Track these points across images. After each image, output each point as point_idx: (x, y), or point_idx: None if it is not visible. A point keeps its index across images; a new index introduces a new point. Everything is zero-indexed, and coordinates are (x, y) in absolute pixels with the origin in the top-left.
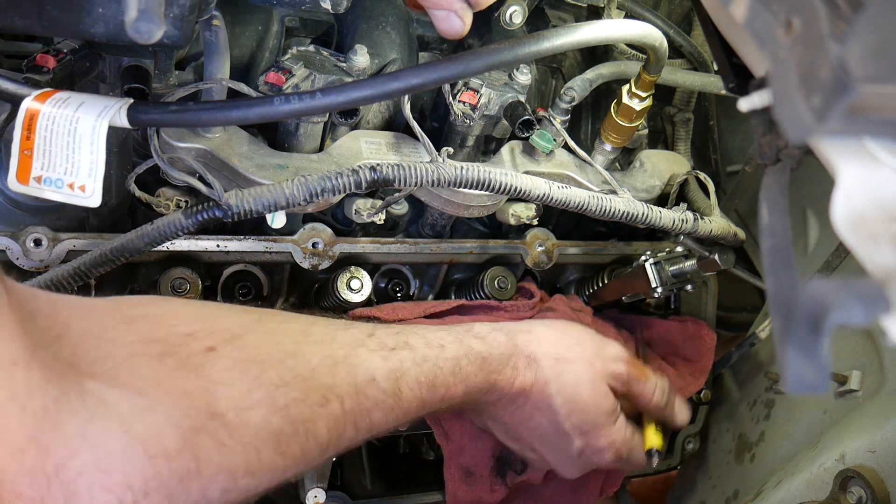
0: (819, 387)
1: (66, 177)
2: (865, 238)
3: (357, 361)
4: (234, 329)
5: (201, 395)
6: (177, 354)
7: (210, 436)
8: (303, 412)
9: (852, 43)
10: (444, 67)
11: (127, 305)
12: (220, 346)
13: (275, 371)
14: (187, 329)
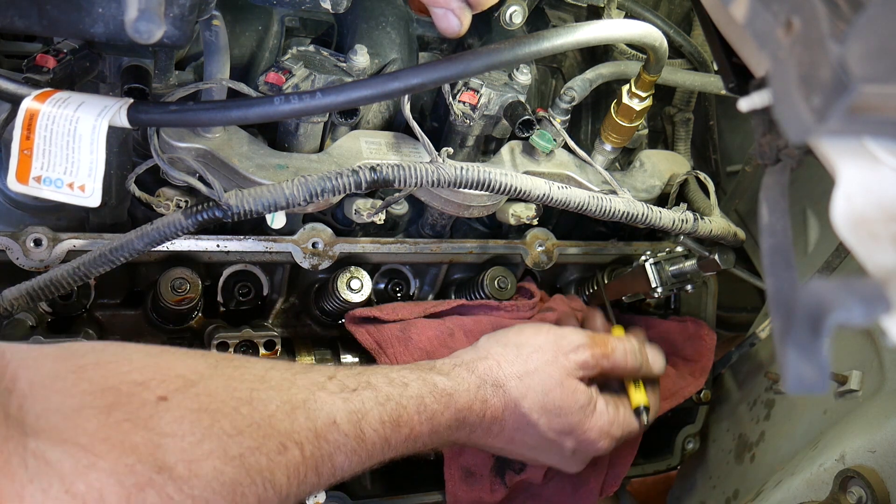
0: (819, 387)
1: (66, 176)
2: (865, 238)
3: (317, 405)
4: (188, 376)
5: (148, 449)
6: (126, 406)
7: (157, 490)
8: (259, 461)
9: (852, 43)
10: (444, 67)
11: (79, 353)
12: (172, 395)
13: (228, 420)
14: (140, 377)
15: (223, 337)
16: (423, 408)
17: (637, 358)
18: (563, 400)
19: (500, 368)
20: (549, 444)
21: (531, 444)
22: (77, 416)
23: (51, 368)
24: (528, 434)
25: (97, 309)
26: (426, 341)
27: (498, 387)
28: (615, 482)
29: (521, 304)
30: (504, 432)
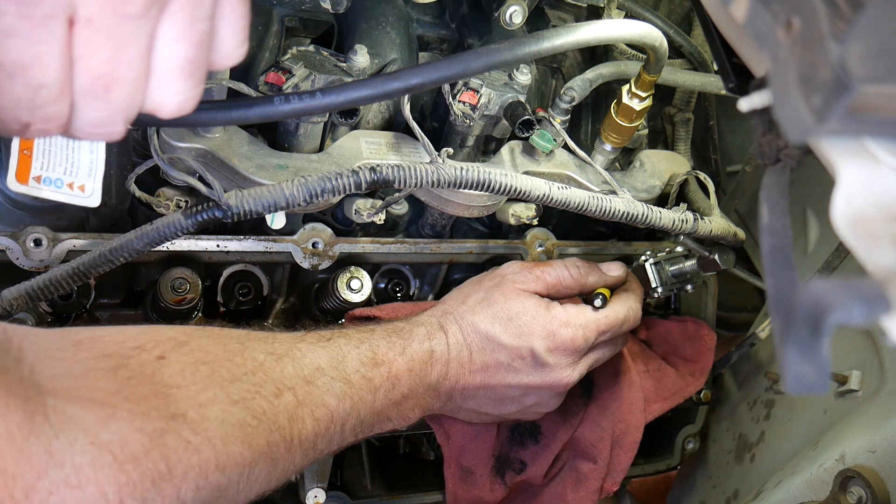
0: (819, 387)
1: (66, 176)
2: (865, 238)
3: (300, 354)
4: (179, 337)
5: (159, 399)
6: (129, 366)
7: (175, 435)
8: (260, 404)
9: (852, 43)
10: (444, 67)
11: (74, 331)
12: (169, 353)
13: (225, 369)
14: (134, 343)
15: None
16: (392, 343)
17: (580, 270)
18: (508, 304)
19: (446, 303)
20: (519, 354)
21: (505, 361)
22: (86, 376)
23: (52, 342)
24: (494, 350)
25: (97, 309)
26: None
27: (447, 314)
28: (615, 482)
29: None
30: (474, 356)
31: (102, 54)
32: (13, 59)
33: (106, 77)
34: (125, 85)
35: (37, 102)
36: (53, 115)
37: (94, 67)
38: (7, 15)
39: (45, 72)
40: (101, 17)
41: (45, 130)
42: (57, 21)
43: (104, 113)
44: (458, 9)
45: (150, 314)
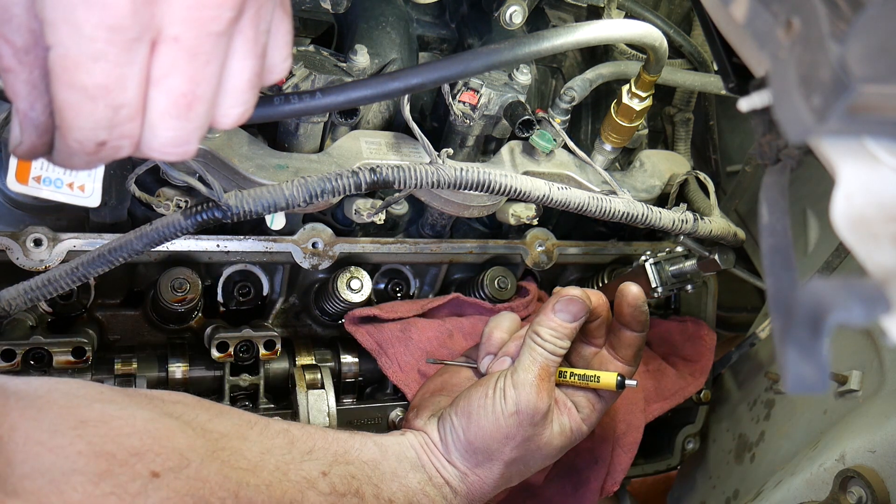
0: (819, 387)
1: (66, 176)
2: (865, 238)
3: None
4: (185, 453)
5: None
6: (117, 477)
7: None
8: None
9: (852, 43)
10: (444, 67)
11: (85, 403)
12: (165, 473)
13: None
14: (138, 444)
15: (223, 337)
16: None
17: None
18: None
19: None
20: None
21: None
22: (65, 482)
23: (52, 422)
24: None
25: (97, 309)
26: (426, 341)
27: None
28: (615, 482)
29: (515, 304)
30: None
31: (186, 73)
32: (97, 82)
33: (188, 95)
34: (204, 103)
35: (114, 122)
36: (128, 134)
37: (177, 87)
38: (97, 41)
39: (125, 92)
40: (187, 37)
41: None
42: (142, 44)
43: (182, 132)
44: (458, 9)
45: (150, 314)
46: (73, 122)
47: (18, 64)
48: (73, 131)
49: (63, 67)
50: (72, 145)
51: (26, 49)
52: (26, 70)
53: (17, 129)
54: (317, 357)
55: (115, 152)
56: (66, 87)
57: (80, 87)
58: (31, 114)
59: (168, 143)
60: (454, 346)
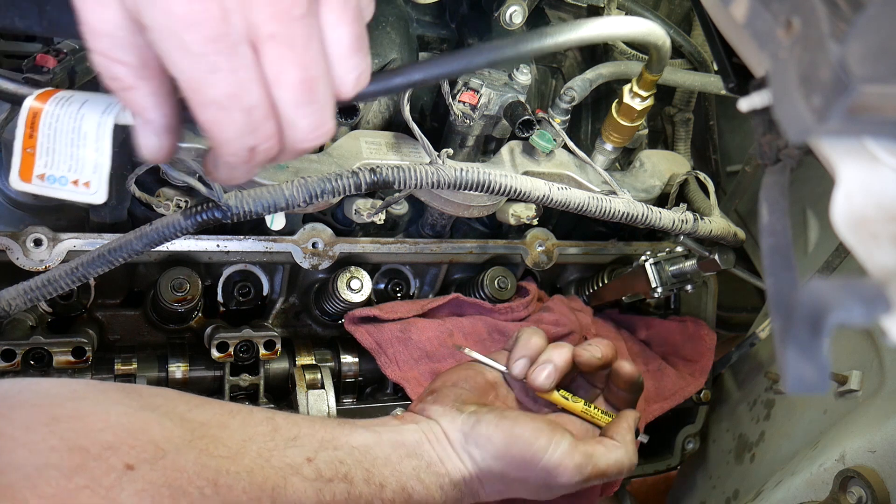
0: (819, 387)
1: (71, 174)
2: (865, 238)
3: (285, 493)
4: (160, 444)
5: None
6: (91, 471)
7: None
8: None
9: (852, 43)
10: (446, 63)
11: (57, 401)
12: (140, 465)
13: (188, 501)
14: (112, 438)
15: (223, 337)
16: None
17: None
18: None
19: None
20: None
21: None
22: (38, 476)
23: (25, 419)
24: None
25: (97, 309)
26: (426, 341)
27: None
28: (615, 482)
29: (515, 304)
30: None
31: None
32: (224, 92)
33: (306, 81)
34: (322, 81)
35: (253, 124)
36: (269, 133)
37: (293, 77)
38: (207, 55)
39: (251, 95)
40: (278, 29)
41: (268, 151)
42: (244, 45)
43: (316, 115)
44: (458, 9)
45: (150, 314)
46: (221, 136)
47: (139, 80)
48: (225, 146)
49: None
50: (229, 160)
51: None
52: (146, 84)
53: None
54: (317, 357)
55: (267, 154)
56: (202, 107)
57: (213, 102)
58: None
59: (308, 129)
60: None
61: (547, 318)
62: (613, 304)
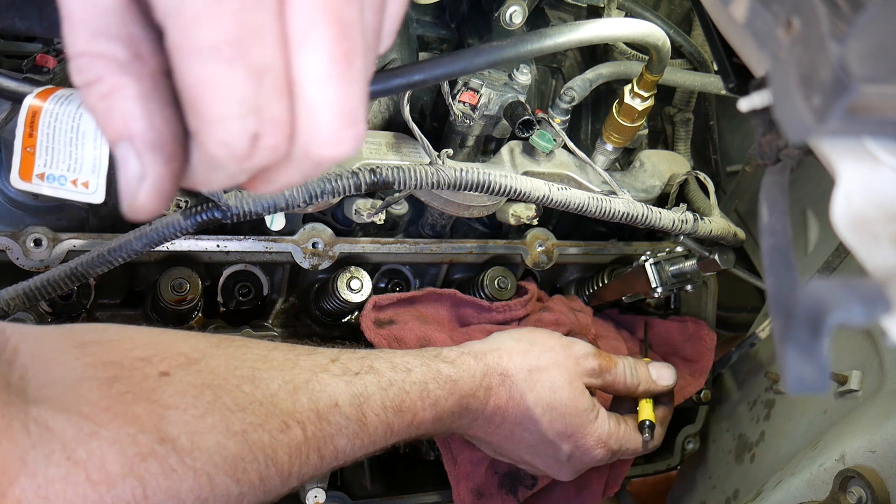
0: (819, 387)
1: (70, 173)
2: (865, 238)
3: (319, 387)
4: (191, 354)
5: (151, 420)
6: (129, 379)
7: (159, 461)
8: (261, 438)
9: (852, 43)
10: (445, 63)
11: (81, 331)
12: (174, 370)
13: (230, 396)
14: (142, 353)
15: None
16: (426, 394)
17: (634, 377)
18: (569, 400)
19: (511, 360)
20: (546, 445)
21: (529, 442)
22: (79, 386)
23: (53, 343)
24: (528, 430)
25: (97, 309)
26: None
27: (506, 377)
28: (616, 483)
29: (513, 303)
30: (505, 425)
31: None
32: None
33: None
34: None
35: (262, 98)
36: (280, 119)
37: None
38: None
39: (264, 48)
40: None
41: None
42: None
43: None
44: (458, 9)
45: (150, 314)
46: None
47: (126, 77)
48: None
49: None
50: (216, 151)
51: (131, 58)
52: (135, 82)
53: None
54: None
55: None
56: (192, 57)
57: (210, 49)
58: (151, 133)
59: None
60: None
61: (547, 317)
62: (613, 304)
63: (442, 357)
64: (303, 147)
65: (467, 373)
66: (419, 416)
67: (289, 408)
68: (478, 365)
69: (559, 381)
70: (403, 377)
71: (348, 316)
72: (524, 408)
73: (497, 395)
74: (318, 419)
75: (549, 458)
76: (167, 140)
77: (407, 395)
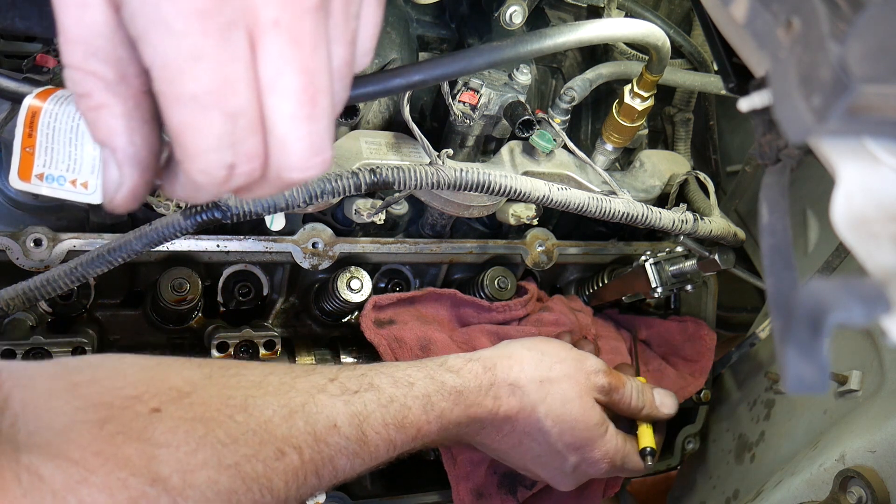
0: (819, 387)
1: (69, 174)
2: (865, 238)
3: (316, 409)
4: (182, 388)
5: (142, 461)
6: (119, 419)
7: (150, 503)
8: (255, 468)
9: (852, 43)
10: (446, 64)
11: (75, 369)
12: (166, 406)
13: (222, 429)
14: (133, 391)
15: (223, 337)
16: (430, 406)
17: (640, 400)
18: (580, 413)
19: (522, 370)
20: (553, 456)
21: (536, 452)
22: (69, 431)
23: (45, 387)
24: (536, 441)
25: (97, 309)
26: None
27: (516, 387)
28: (616, 483)
29: (513, 303)
30: (513, 434)
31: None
32: (205, 87)
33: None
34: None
35: (236, 136)
36: (254, 151)
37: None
38: (190, 34)
39: (238, 96)
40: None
41: (249, 174)
42: (238, 31)
43: (315, 137)
44: (458, 9)
45: (150, 314)
46: (193, 144)
47: (112, 97)
48: (197, 158)
49: (167, 81)
50: (198, 178)
51: (118, 80)
52: (120, 103)
53: (115, 171)
54: (317, 357)
55: (246, 179)
56: (176, 104)
57: (190, 98)
58: (130, 149)
59: (303, 154)
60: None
61: (547, 317)
62: (613, 304)
63: (447, 367)
64: (275, 171)
65: (473, 382)
66: (423, 429)
67: (284, 433)
68: (486, 375)
69: (570, 394)
70: (405, 392)
71: (348, 316)
72: (534, 419)
73: (507, 405)
74: (315, 442)
75: (554, 469)
76: (144, 154)
77: (409, 410)
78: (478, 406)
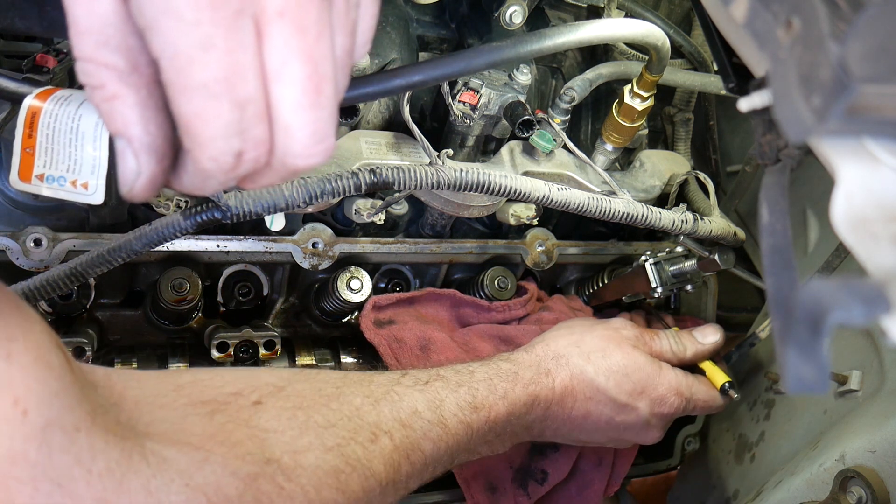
0: (819, 387)
1: (69, 174)
2: (865, 238)
3: (397, 397)
4: (277, 383)
5: (254, 443)
6: (226, 411)
7: (268, 480)
8: (355, 450)
9: (852, 43)
10: (446, 64)
11: (176, 374)
12: (266, 399)
13: (320, 415)
14: (233, 388)
15: (223, 337)
16: (493, 388)
17: (680, 343)
18: (625, 359)
19: (557, 343)
20: (624, 411)
21: (607, 414)
22: (183, 421)
23: (153, 388)
24: (601, 402)
25: (97, 309)
26: (444, 361)
27: (559, 357)
28: (616, 482)
29: (513, 303)
30: (578, 404)
31: (303, 53)
32: (215, 76)
33: (313, 77)
34: (330, 82)
35: (244, 124)
36: (260, 138)
37: (299, 71)
38: (201, 24)
39: (247, 84)
40: (290, 7)
41: (256, 160)
42: (246, 19)
43: (319, 124)
44: (458, 9)
45: (150, 314)
46: (203, 133)
47: (125, 87)
48: (206, 146)
49: (177, 70)
50: (207, 166)
51: (130, 69)
52: (133, 92)
53: (132, 161)
54: (317, 357)
55: (254, 166)
56: (185, 93)
57: (200, 86)
58: (147, 138)
59: (307, 141)
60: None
61: (547, 317)
62: (613, 304)
63: (499, 356)
64: (280, 158)
65: (524, 364)
66: (493, 410)
67: (374, 419)
68: (530, 356)
69: (609, 348)
70: (468, 378)
71: (348, 316)
72: (588, 380)
73: (560, 377)
74: (402, 427)
75: (632, 424)
76: (160, 143)
77: (477, 391)
78: (535, 384)
